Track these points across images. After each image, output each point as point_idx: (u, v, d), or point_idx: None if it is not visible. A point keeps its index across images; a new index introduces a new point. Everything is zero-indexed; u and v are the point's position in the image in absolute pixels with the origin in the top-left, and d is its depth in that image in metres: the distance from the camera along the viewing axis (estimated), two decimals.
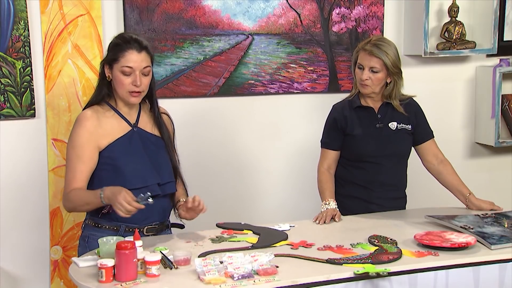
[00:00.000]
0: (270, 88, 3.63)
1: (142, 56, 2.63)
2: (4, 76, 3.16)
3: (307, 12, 3.63)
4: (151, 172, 2.68)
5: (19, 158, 3.26)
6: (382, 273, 2.28)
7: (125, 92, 2.65)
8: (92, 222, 2.72)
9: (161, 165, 2.73)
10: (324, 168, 3.14)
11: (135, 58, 2.62)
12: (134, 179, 2.65)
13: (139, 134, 2.73)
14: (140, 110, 2.77)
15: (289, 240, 2.64)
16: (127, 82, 2.63)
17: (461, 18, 3.82)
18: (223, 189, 3.63)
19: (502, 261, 2.45)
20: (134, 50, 2.62)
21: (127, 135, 2.70)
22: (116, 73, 2.64)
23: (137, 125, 2.74)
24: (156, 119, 2.78)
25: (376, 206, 3.09)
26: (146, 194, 2.45)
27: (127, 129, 2.72)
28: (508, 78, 3.99)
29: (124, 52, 2.62)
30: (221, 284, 2.16)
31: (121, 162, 2.66)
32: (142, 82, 2.64)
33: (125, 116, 2.73)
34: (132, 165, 2.66)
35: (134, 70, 2.62)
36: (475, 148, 4.08)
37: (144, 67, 2.64)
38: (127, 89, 2.64)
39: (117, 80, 2.65)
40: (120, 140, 2.69)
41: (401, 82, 3.07)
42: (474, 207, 3.07)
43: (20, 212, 3.29)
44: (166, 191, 2.73)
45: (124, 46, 2.63)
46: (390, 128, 3.09)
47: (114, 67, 2.64)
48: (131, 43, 2.63)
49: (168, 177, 2.75)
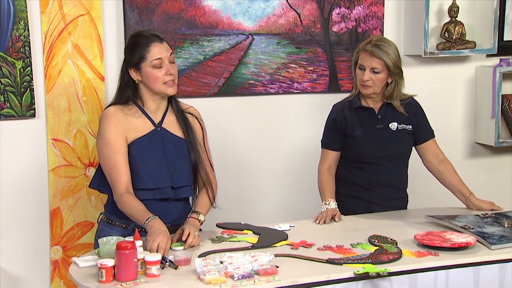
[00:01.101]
0: (270, 88, 3.63)
1: (165, 45, 2.67)
2: (4, 76, 3.16)
3: (307, 12, 3.63)
4: (165, 175, 2.67)
5: (19, 158, 3.26)
6: (382, 273, 2.28)
7: (161, 85, 2.66)
8: (105, 218, 2.76)
9: (178, 168, 2.70)
10: (324, 168, 3.14)
11: (160, 49, 2.64)
12: (148, 180, 2.66)
13: (162, 134, 2.72)
14: (167, 110, 2.77)
15: (289, 240, 2.64)
16: (161, 75, 2.64)
17: (461, 18, 3.82)
18: (223, 189, 3.60)
19: (502, 261, 2.45)
20: (156, 42, 2.65)
21: (149, 134, 2.70)
22: (147, 70, 2.64)
23: (162, 125, 2.73)
24: (179, 119, 2.77)
25: (377, 206, 3.09)
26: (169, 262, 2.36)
27: (150, 128, 2.71)
28: (508, 78, 3.99)
29: (148, 47, 2.64)
30: (221, 284, 2.16)
31: (137, 161, 2.66)
32: (174, 69, 2.67)
33: (150, 115, 2.72)
34: (148, 165, 2.66)
35: (163, 60, 2.64)
36: (475, 148, 4.07)
37: (170, 54, 2.67)
38: (162, 81, 2.65)
39: (150, 77, 2.65)
40: (142, 138, 2.69)
41: (402, 82, 3.07)
42: (474, 207, 3.07)
43: (20, 212, 3.29)
44: (179, 195, 2.71)
45: (146, 42, 2.65)
46: (390, 128, 3.09)
47: (143, 65, 2.64)
48: (150, 37, 2.66)
49: (184, 181, 2.72)
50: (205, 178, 2.77)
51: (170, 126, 2.75)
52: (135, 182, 2.64)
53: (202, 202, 2.76)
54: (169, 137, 2.73)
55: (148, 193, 2.66)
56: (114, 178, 2.61)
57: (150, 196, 2.66)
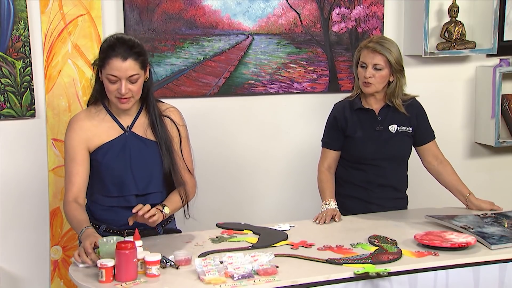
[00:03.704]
0: (270, 88, 3.63)
1: (127, 64, 2.50)
2: (4, 76, 3.16)
3: (307, 12, 3.63)
4: (130, 182, 2.62)
5: (19, 158, 3.26)
6: (382, 273, 2.28)
7: (113, 97, 2.57)
8: None
9: (146, 175, 2.63)
10: (324, 168, 3.14)
11: (119, 66, 2.50)
12: (112, 187, 2.63)
13: (131, 139, 2.65)
14: (140, 113, 2.69)
15: (289, 240, 2.64)
16: (113, 89, 2.54)
17: (461, 18, 3.82)
18: (223, 189, 3.63)
19: (502, 261, 2.45)
20: (118, 58, 2.50)
21: (116, 140, 2.64)
22: (104, 78, 2.56)
23: (131, 129, 2.66)
24: (153, 123, 2.66)
25: (375, 206, 3.09)
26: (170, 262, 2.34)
27: (118, 133, 2.65)
28: (508, 78, 3.99)
29: (108, 59, 2.51)
30: (221, 284, 2.16)
31: (103, 167, 2.62)
32: (128, 89, 2.54)
33: (119, 119, 2.66)
34: (113, 172, 2.61)
35: (119, 78, 2.52)
36: (475, 148, 4.07)
37: (130, 75, 2.52)
38: (114, 95, 2.56)
39: (105, 85, 2.57)
40: (108, 144, 2.63)
41: (403, 80, 3.07)
42: (474, 207, 3.07)
43: (20, 212, 3.29)
44: (147, 202, 2.53)
45: (109, 53, 2.51)
46: (390, 131, 3.09)
47: (102, 72, 2.56)
48: (116, 49, 2.50)
49: (153, 188, 2.65)
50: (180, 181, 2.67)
51: (141, 130, 2.66)
52: (100, 189, 2.63)
53: (171, 198, 2.66)
54: (138, 141, 2.65)
55: (113, 200, 2.63)
56: (65, 186, 2.63)
57: (115, 204, 2.64)
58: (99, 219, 2.68)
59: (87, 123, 2.64)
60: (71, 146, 2.62)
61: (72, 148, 2.62)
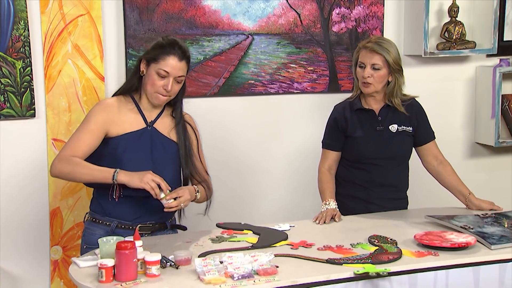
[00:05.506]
0: (270, 88, 3.63)
1: (181, 64, 2.67)
2: (4, 76, 3.16)
3: (307, 12, 3.63)
4: None
5: (19, 158, 3.26)
6: (382, 273, 2.28)
7: (153, 91, 2.69)
8: (90, 217, 2.77)
9: (164, 170, 2.69)
10: (324, 168, 3.14)
11: (174, 64, 2.65)
12: None
13: (152, 134, 2.74)
14: (163, 111, 2.79)
15: (289, 240, 2.64)
16: (159, 84, 2.67)
17: (461, 18, 3.82)
18: (223, 189, 3.62)
19: (502, 261, 2.45)
20: (176, 56, 2.66)
21: (138, 132, 2.72)
22: (151, 72, 2.67)
23: (153, 124, 2.75)
24: (177, 125, 2.79)
25: (375, 206, 3.09)
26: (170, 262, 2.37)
27: (141, 126, 2.74)
28: (508, 78, 3.99)
29: (166, 55, 2.65)
30: (221, 284, 2.17)
31: (123, 156, 2.67)
32: (173, 88, 2.68)
33: (144, 112, 2.75)
34: (133, 163, 2.66)
35: (169, 75, 2.66)
36: (475, 148, 4.08)
37: (179, 75, 2.68)
38: (157, 90, 2.67)
39: (150, 78, 2.68)
40: (130, 134, 2.71)
41: (402, 80, 3.08)
42: (474, 207, 3.07)
43: (20, 212, 3.29)
44: None
45: (168, 50, 2.66)
46: (390, 130, 3.09)
47: (152, 66, 2.67)
48: (176, 49, 2.67)
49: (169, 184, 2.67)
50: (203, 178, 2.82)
51: (164, 128, 2.77)
52: None
53: (201, 188, 2.79)
54: (159, 138, 2.75)
55: (131, 190, 2.64)
56: (68, 146, 2.66)
57: (133, 193, 2.65)
58: (110, 214, 2.70)
59: (115, 108, 2.73)
60: (93, 119, 2.69)
61: (95, 121, 2.68)
